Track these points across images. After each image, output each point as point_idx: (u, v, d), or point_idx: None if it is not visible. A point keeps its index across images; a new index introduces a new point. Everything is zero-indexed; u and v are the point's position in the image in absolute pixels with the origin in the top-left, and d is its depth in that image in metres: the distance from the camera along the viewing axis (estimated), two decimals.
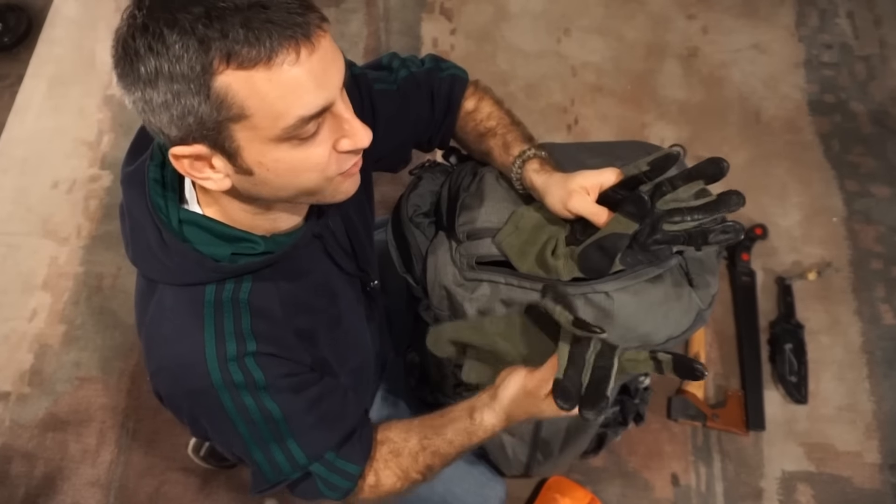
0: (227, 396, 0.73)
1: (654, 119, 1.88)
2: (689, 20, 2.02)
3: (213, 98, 0.59)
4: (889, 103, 1.89)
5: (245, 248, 0.75)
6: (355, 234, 0.91)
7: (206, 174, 0.66)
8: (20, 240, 1.80)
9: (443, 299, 0.94)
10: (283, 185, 0.67)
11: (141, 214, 0.74)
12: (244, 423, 0.76)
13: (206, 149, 0.63)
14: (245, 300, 0.75)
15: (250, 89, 0.59)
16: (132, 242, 0.77)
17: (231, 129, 0.61)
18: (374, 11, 2.07)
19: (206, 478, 1.51)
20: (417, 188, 1.03)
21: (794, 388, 1.54)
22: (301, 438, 0.79)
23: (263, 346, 0.75)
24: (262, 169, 0.65)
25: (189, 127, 0.61)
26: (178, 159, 0.65)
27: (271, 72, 0.58)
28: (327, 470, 0.81)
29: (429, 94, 0.96)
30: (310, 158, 0.65)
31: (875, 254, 1.71)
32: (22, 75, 2.02)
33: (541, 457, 1.22)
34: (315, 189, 0.69)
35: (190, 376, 0.73)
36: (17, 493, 1.52)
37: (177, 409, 0.79)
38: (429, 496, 1.14)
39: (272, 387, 0.75)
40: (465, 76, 0.99)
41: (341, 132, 0.66)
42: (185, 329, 0.74)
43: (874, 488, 1.48)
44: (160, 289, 0.76)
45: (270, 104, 0.59)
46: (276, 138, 0.62)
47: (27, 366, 1.65)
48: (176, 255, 0.73)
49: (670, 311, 0.88)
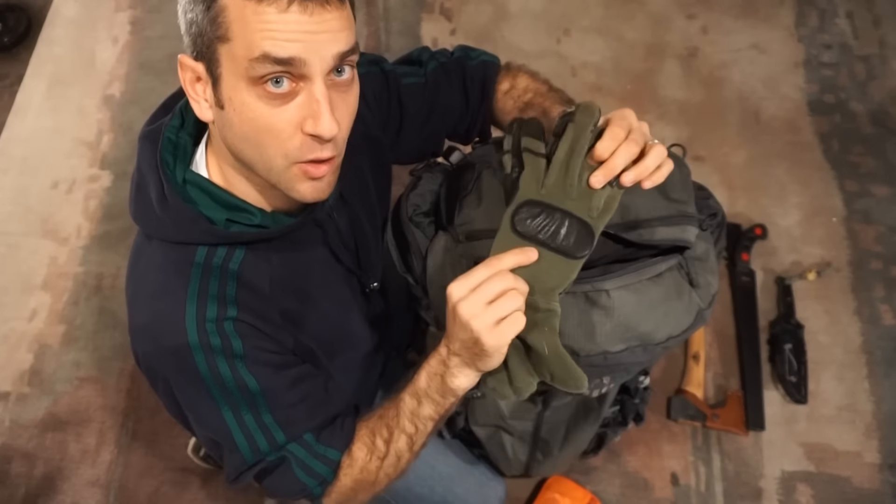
0: (201, 358, 0.73)
1: (653, 119, 1.88)
2: (689, 20, 2.02)
3: (211, 12, 0.64)
4: (889, 103, 1.89)
5: (241, 216, 0.76)
6: (360, 233, 0.91)
7: (199, 96, 0.70)
8: (20, 240, 1.80)
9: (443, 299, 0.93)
10: (245, 135, 0.68)
11: (148, 169, 0.76)
12: (217, 388, 0.74)
13: (203, 70, 0.67)
14: (234, 270, 0.76)
15: (238, 14, 0.63)
16: (135, 198, 0.78)
17: (219, 50, 0.65)
18: (374, 11, 2.07)
19: (205, 478, 1.51)
20: (417, 187, 1.02)
21: (794, 388, 1.54)
22: (279, 414, 0.77)
23: (245, 314, 0.75)
24: (230, 107, 0.67)
25: (193, 39, 0.67)
26: (182, 69, 0.70)
27: (260, 6, 0.62)
28: (307, 453, 0.79)
29: (461, 84, 0.97)
30: (272, 118, 0.66)
31: (875, 254, 1.71)
32: (22, 75, 2.02)
33: (540, 456, 1.22)
34: (272, 163, 0.70)
35: (166, 334, 0.73)
36: (17, 493, 1.52)
37: (153, 373, 0.78)
38: (429, 496, 1.14)
39: (249, 357, 0.74)
40: (497, 61, 1.00)
41: (310, 111, 0.66)
42: (169, 286, 0.74)
43: (874, 488, 1.48)
44: (154, 244, 0.77)
45: (248, 33, 0.63)
46: (246, 74, 0.64)
47: (27, 366, 1.65)
48: (173, 210, 0.74)
49: (670, 309, 0.88)
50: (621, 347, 0.88)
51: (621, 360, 0.89)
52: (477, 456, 1.25)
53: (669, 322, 0.88)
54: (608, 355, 0.88)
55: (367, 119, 0.90)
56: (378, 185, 0.97)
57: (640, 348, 0.89)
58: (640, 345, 0.88)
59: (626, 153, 0.71)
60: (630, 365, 0.92)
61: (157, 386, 0.79)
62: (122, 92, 1.98)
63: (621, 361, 0.89)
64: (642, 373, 1.30)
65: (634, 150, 0.71)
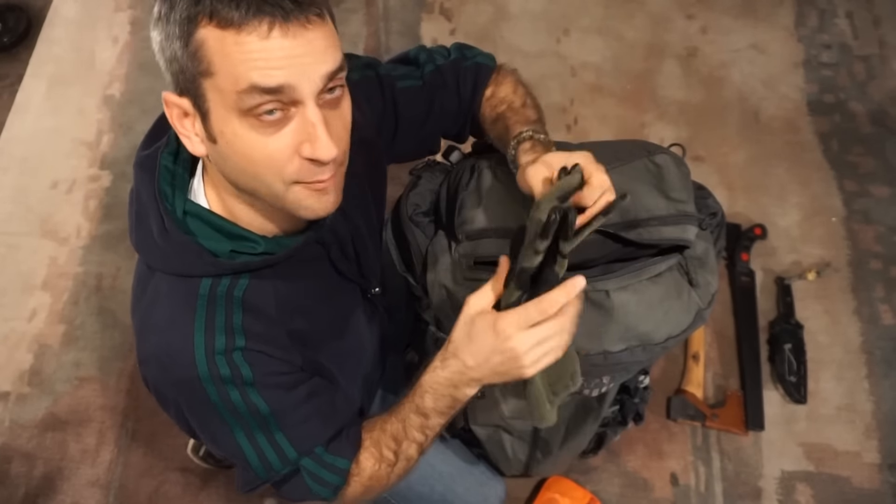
0: (212, 389, 0.73)
1: (653, 119, 1.88)
2: (689, 20, 2.03)
3: (190, 48, 0.62)
4: (888, 103, 1.89)
5: (245, 246, 0.75)
6: (360, 242, 0.90)
7: (188, 132, 0.69)
8: (20, 240, 1.80)
9: (443, 299, 0.94)
10: (241, 167, 0.67)
11: (148, 200, 0.75)
12: (230, 414, 0.75)
13: (190, 105, 0.66)
14: (239, 297, 0.76)
15: (219, 47, 0.61)
16: (136, 227, 0.78)
17: (203, 85, 0.64)
18: (374, 11, 2.07)
19: (205, 478, 1.51)
20: (417, 187, 1.03)
21: (794, 388, 1.54)
22: (290, 432, 0.78)
23: (253, 343, 0.75)
24: (223, 140, 0.66)
25: (175, 75, 0.65)
26: (168, 106, 0.68)
27: (240, 37, 0.60)
28: (317, 465, 0.81)
29: (455, 86, 0.96)
30: (266, 147, 0.65)
31: (874, 254, 1.71)
32: (21, 75, 2.02)
33: (540, 456, 1.22)
34: (272, 189, 0.69)
35: (177, 366, 0.73)
36: (16, 493, 1.52)
37: (164, 398, 0.79)
38: (429, 494, 1.14)
39: (259, 383, 0.75)
40: (490, 62, 0.99)
41: (305, 135, 0.65)
42: (176, 319, 0.74)
43: (873, 488, 1.48)
44: (157, 277, 0.76)
45: (232, 65, 0.61)
46: (236, 106, 0.63)
47: (27, 366, 1.65)
48: (176, 244, 0.73)
49: (670, 309, 0.88)
50: (621, 347, 0.88)
51: (621, 360, 0.89)
52: (477, 455, 1.25)
53: (669, 322, 0.88)
54: (608, 355, 0.88)
55: (361, 123, 0.89)
56: (374, 188, 0.96)
57: (640, 348, 0.89)
58: (639, 344, 0.89)
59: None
60: (630, 364, 0.92)
61: (168, 409, 0.81)
62: (122, 92, 1.98)
63: (621, 361, 0.89)
64: (642, 372, 1.30)
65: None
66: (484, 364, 0.74)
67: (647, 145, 1.00)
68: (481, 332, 0.72)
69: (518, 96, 0.95)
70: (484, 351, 0.73)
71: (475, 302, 0.74)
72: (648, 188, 0.91)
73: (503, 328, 0.71)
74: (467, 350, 0.74)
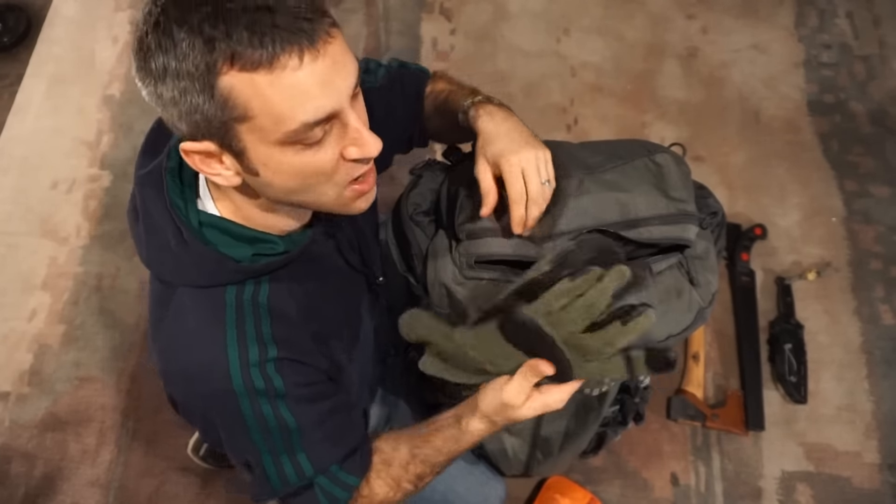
0: (246, 403, 0.74)
1: (653, 119, 1.88)
2: (689, 20, 2.03)
3: (217, 97, 0.59)
4: (888, 103, 1.89)
5: (265, 248, 0.76)
6: (359, 231, 0.91)
7: (217, 170, 0.67)
8: (20, 240, 1.80)
9: (443, 298, 0.94)
10: (291, 188, 0.67)
11: (160, 215, 0.74)
12: (259, 432, 0.76)
13: (215, 146, 0.64)
14: (265, 303, 0.76)
15: (253, 91, 0.59)
16: (147, 244, 0.76)
17: (237, 129, 0.62)
18: (374, 11, 2.07)
19: (205, 478, 1.51)
20: (417, 187, 1.03)
21: (794, 388, 1.54)
22: (311, 451, 0.80)
23: (284, 351, 0.75)
24: (268, 171, 0.65)
25: (196, 124, 0.62)
26: (188, 154, 0.66)
27: (273, 75, 0.58)
28: (330, 482, 0.82)
29: (401, 89, 0.98)
30: (315, 163, 0.65)
31: (874, 254, 1.71)
32: (21, 75, 2.02)
33: (541, 456, 1.22)
34: (323, 199, 0.70)
35: (211, 380, 0.73)
36: (17, 493, 1.52)
37: (191, 413, 0.80)
38: (430, 494, 1.13)
39: (290, 395, 0.76)
40: (427, 71, 1.02)
41: (349, 140, 0.66)
42: (207, 333, 0.74)
43: (873, 488, 1.48)
44: (179, 292, 0.75)
45: (273, 107, 0.59)
46: (280, 142, 0.62)
47: (27, 366, 1.65)
48: (196, 255, 0.73)
49: (671, 308, 0.88)
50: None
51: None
52: (477, 455, 1.25)
53: (669, 320, 0.88)
54: None
55: None
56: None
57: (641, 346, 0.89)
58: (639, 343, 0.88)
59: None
60: None
61: (195, 423, 0.82)
62: (122, 92, 1.98)
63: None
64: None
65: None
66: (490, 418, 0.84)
67: (648, 144, 0.99)
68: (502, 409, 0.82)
69: (454, 83, 0.98)
70: (506, 417, 0.82)
71: (516, 393, 0.80)
72: (649, 187, 0.91)
73: (514, 409, 0.81)
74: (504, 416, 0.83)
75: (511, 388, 0.79)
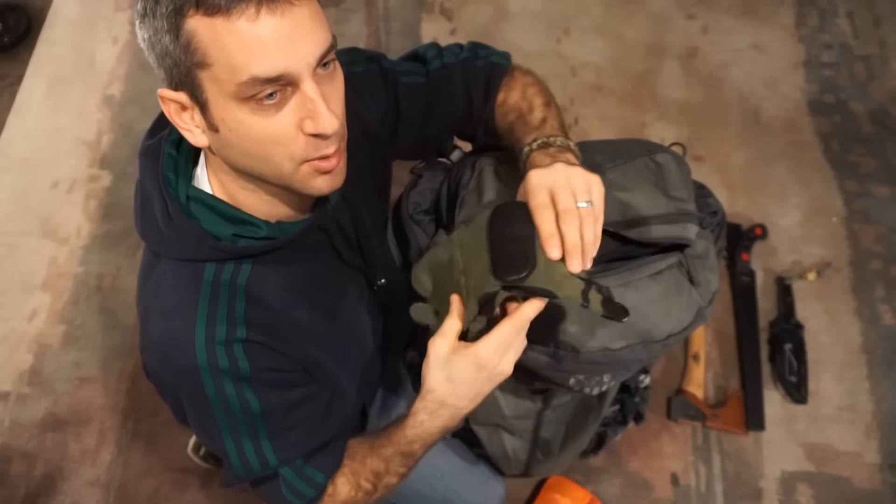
0: (209, 379, 0.74)
1: (653, 119, 1.88)
2: (689, 20, 2.03)
3: (181, 40, 0.62)
4: (889, 103, 1.89)
5: (247, 230, 0.76)
6: (363, 230, 0.90)
7: (188, 125, 0.69)
8: (20, 240, 1.80)
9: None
10: (247, 151, 0.68)
11: (151, 187, 0.76)
12: (221, 410, 0.76)
13: (187, 98, 0.66)
14: (243, 285, 0.76)
15: (213, 37, 0.61)
16: (141, 214, 0.78)
17: (199, 76, 0.64)
18: (374, 11, 2.07)
19: (205, 478, 1.51)
20: (418, 186, 1.03)
21: (794, 388, 1.54)
22: (275, 439, 0.79)
23: (254, 334, 0.75)
24: (225, 128, 0.66)
25: (169, 70, 0.65)
26: (164, 101, 0.68)
27: (230, 23, 0.60)
28: (295, 475, 0.82)
29: (464, 85, 0.95)
30: (270, 128, 0.65)
31: (875, 254, 1.71)
32: (21, 75, 2.02)
33: (541, 456, 1.22)
34: (280, 170, 0.69)
35: (177, 354, 0.74)
36: (16, 493, 1.52)
37: (162, 386, 0.80)
38: (430, 493, 1.14)
39: (256, 379, 0.76)
40: (505, 62, 0.98)
41: (306, 111, 0.66)
42: (180, 306, 0.75)
43: (874, 488, 1.48)
44: (162, 263, 0.77)
45: (228, 56, 0.61)
46: (235, 95, 0.63)
47: (27, 366, 1.65)
48: (179, 229, 0.74)
49: (671, 307, 0.88)
50: (622, 344, 0.88)
51: (622, 357, 0.89)
52: (477, 455, 1.25)
53: (670, 319, 0.88)
54: (608, 352, 0.88)
55: (364, 116, 0.89)
56: (378, 180, 0.96)
57: (641, 345, 0.89)
58: (640, 342, 0.89)
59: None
60: (630, 362, 0.92)
61: (165, 397, 0.82)
62: (122, 92, 1.98)
63: (622, 358, 0.89)
64: (642, 371, 1.30)
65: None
66: (476, 397, 0.78)
67: (648, 144, 1.00)
68: (465, 372, 0.74)
69: (526, 101, 0.93)
70: (475, 387, 0.76)
71: (441, 343, 0.74)
72: (649, 187, 0.91)
73: (488, 358, 0.73)
74: (455, 395, 0.77)
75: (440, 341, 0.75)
